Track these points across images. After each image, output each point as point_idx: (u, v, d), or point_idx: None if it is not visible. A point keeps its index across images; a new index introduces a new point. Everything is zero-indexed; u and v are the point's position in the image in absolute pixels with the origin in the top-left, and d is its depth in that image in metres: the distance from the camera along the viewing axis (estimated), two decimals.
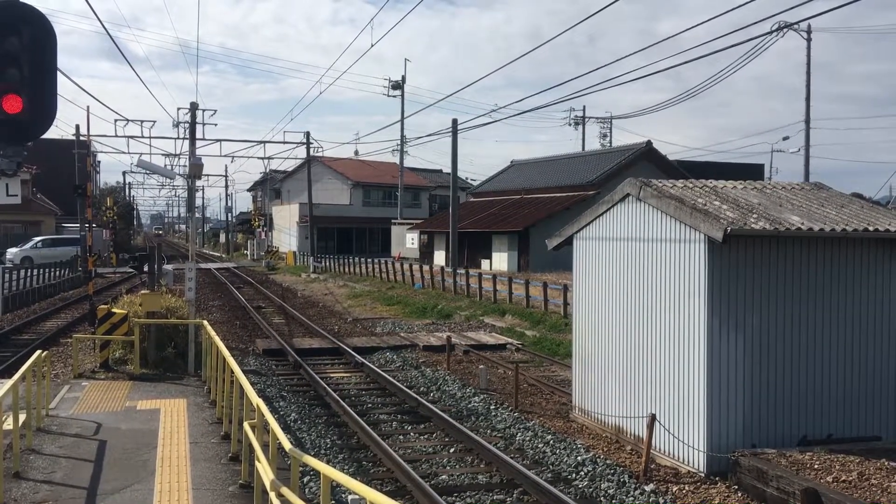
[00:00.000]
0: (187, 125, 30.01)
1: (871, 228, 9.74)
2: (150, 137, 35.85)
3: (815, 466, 8.69)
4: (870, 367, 10.08)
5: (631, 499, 8.64)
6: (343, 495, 8.46)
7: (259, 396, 8.04)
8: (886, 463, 8.76)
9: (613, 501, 8.64)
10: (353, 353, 17.81)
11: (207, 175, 78.10)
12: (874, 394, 10.10)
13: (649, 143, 44.46)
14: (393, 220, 58.37)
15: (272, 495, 6.18)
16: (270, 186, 79.93)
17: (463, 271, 32.21)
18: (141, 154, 64.46)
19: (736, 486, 8.93)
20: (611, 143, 69.45)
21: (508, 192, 49.20)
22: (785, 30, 32.42)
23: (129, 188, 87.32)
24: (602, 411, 11.57)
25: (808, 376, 9.85)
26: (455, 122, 35.10)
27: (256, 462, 7.05)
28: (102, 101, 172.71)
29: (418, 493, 8.65)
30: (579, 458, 10.01)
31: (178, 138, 36.30)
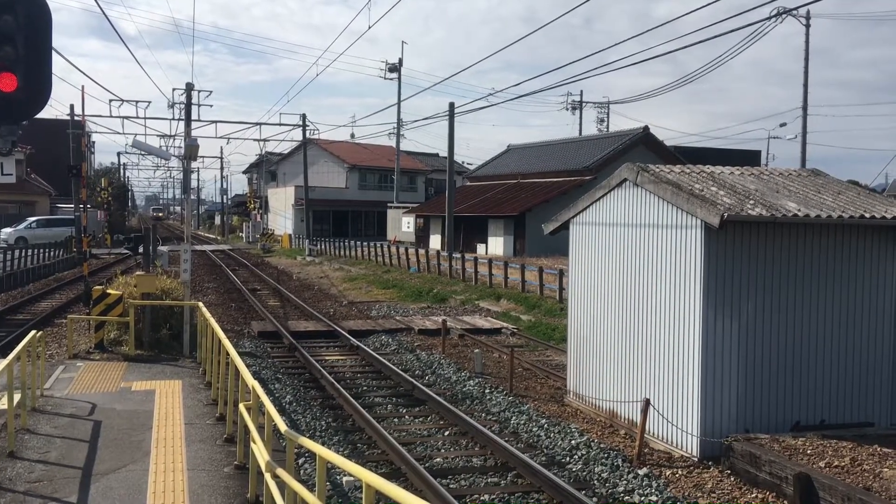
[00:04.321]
0: (182, 106, 29.98)
1: (867, 215, 9.76)
2: (144, 118, 35.77)
3: (808, 452, 8.73)
4: (863, 353, 10.12)
5: (624, 482, 8.68)
6: (338, 477, 8.49)
7: (254, 378, 8.04)
8: (879, 449, 8.81)
9: (607, 485, 8.68)
10: (348, 336, 17.82)
11: (203, 156, 77.94)
12: (867, 380, 10.15)
13: (646, 128, 44.39)
14: (389, 204, 58.29)
15: (267, 476, 6.19)
16: (266, 169, 79.69)
17: (459, 255, 32.21)
18: (136, 135, 63.96)
19: (729, 471, 8.98)
20: (608, 128, 69.33)
21: (505, 176, 49.14)
22: (784, 15, 32.29)
23: (124, 169, 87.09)
24: (597, 396, 11.60)
25: (802, 362, 9.88)
26: (452, 105, 34.97)
27: (252, 443, 7.07)
28: (97, 81, 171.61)
29: (413, 476, 8.67)
30: (573, 441, 10.05)
31: (174, 119, 36.26)
